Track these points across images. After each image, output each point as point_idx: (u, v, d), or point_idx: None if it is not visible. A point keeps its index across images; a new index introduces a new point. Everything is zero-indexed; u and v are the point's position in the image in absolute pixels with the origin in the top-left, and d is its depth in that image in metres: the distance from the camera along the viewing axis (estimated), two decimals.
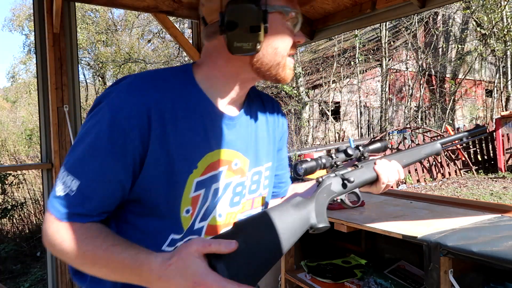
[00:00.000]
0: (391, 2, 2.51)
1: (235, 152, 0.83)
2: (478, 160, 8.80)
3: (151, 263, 0.66)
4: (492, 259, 1.05)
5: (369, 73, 13.26)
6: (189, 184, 0.76)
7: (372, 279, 1.82)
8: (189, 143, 0.75)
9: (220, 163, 0.80)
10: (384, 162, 0.91)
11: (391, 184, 0.90)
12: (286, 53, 0.79)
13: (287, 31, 0.78)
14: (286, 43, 0.78)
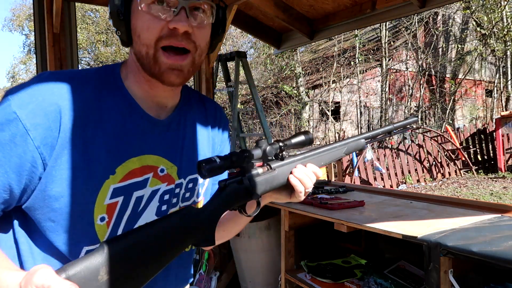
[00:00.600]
0: (391, 2, 2.51)
1: (161, 158, 0.77)
2: (478, 160, 8.80)
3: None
4: (492, 259, 1.05)
5: (369, 73, 13.26)
6: (103, 190, 0.69)
7: (372, 279, 1.82)
8: (107, 147, 0.69)
9: (144, 170, 0.74)
10: (300, 170, 0.78)
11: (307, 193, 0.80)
12: (152, 42, 0.68)
13: (146, 15, 0.67)
14: (149, 30, 0.68)
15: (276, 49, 3.76)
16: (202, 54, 0.74)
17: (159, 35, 0.68)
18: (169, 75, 0.71)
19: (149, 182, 0.75)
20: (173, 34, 0.68)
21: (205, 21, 0.72)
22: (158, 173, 0.76)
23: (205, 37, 0.74)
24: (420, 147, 8.04)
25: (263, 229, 2.52)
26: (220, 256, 3.02)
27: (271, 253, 2.54)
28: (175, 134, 0.80)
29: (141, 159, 0.73)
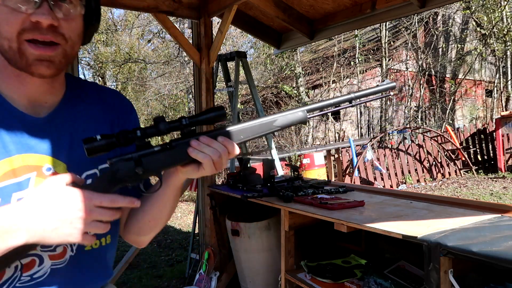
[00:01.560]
0: (391, 2, 2.51)
1: (45, 156, 0.72)
2: (478, 160, 8.79)
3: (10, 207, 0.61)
4: (492, 259, 1.05)
5: (369, 73, 13.26)
6: None
7: (372, 279, 1.82)
8: None
9: (25, 169, 0.70)
10: (203, 141, 0.72)
11: (221, 165, 0.73)
12: (13, 36, 0.64)
13: (6, 8, 0.63)
14: (9, 23, 0.64)
15: (276, 49, 3.76)
16: (74, 46, 0.71)
17: (21, 28, 0.64)
18: (38, 67, 0.67)
19: (33, 182, 0.70)
20: (37, 27, 0.65)
21: (73, 13, 0.68)
22: (43, 172, 0.72)
23: (75, 29, 0.70)
24: (420, 147, 8.03)
25: (263, 229, 2.52)
26: (220, 256, 3.02)
27: (271, 253, 2.54)
28: (60, 131, 0.75)
29: (20, 158, 0.69)
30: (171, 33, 3.05)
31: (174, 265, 4.10)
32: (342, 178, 7.06)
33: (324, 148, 8.38)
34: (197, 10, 3.09)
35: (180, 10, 3.00)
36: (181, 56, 13.48)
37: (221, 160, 0.73)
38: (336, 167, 7.41)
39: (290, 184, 2.55)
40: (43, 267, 0.72)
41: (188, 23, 3.37)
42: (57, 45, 0.67)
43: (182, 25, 11.62)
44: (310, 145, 11.34)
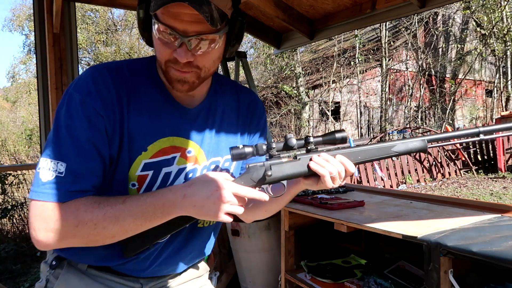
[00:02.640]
0: (391, 2, 2.51)
1: (189, 141, 0.88)
2: (478, 160, 8.80)
3: (172, 189, 0.77)
4: (492, 259, 1.05)
5: (369, 73, 13.26)
6: (136, 164, 0.83)
7: (372, 279, 1.82)
8: (142, 128, 0.82)
9: (173, 149, 0.86)
10: (324, 157, 0.83)
11: (339, 180, 0.83)
12: (162, 61, 0.81)
13: (158, 41, 0.79)
14: (159, 52, 0.80)
15: (276, 49, 3.76)
16: (208, 70, 0.84)
17: (168, 58, 0.79)
18: (176, 85, 0.82)
19: (177, 160, 0.87)
20: (177, 61, 0.79)
21: (209, 49, 0.79)
22: (185, 154, 0.88)
23: (211, 59, 0.82)
24: None
25: (263, 229, 2.52)
26: (220, 256, 3.02)
27: (271, 253, 2.54)
28: (203, 121, 0.91)
29: (170, 140, 0.85)
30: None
31: None
32: None
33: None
34: None
35: None
36: None
37: (339, 176, 0.83)
38: None
39: None
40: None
41: None
42: (191, 72, 0.82)
43: None
44: None
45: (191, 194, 0.76)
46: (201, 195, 0.75)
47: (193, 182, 0.78)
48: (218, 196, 0.75)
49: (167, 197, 0.76)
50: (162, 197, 0.77)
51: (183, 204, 0.76)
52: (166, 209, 0.76)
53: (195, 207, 0.76)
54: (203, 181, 0.77)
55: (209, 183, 0.76)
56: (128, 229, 0.76)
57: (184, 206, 0.76)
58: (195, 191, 0.76)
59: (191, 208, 0.76)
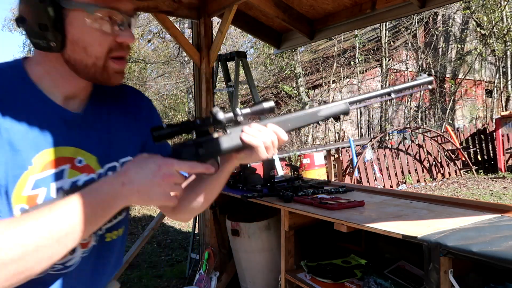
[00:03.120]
0: (391, 2, 2.51)
1: (77, 149, 0.78)
2: (478, 160, 8.79)
3: (106, 181, 0.68)
4: (492, 259, 1.05)
5: (369, 73, 13.26)
6: (22, 181, 0.70)
7: (372, 279, 1.82)
8: (21, 139, 0.70)
9: (60, 161, 0.75)
10: (255, 127, 0.80)
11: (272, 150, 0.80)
12: (102, 55, 0.73)
13: (96, 31, 0.71)
14: (98, 44, 0.72)
15: (276, 49, 3.76)
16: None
17: (109, 47, 0.73)
18: (116, 78, 0.77)
19: (67, 173, 0.76)
20: (121, 47, 0.75)
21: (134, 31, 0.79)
22: (75, 164, 0.78)
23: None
24: (420, 147, 8.03)
25: (263, 229, 2.52)
26: (220, 256, 3.02)
27: (271, 253, 2.54)
28: (92, 125, 0.82)
29: (56, 151, 0.75)
30: (171, 33, 3.05)
31: (174, 265, 4.10)
32: (342, 178, 7.06)
33: (324, 148, 8.38)
34: (197, 10, 3.09)
35: (180, 10, 3.00)
36: (181, 56, 13.48)
37: (272, 145, 0.80)
38: (336, 167, 7.41)
39: (290, 184, 2.55)
40: (75, 256, 0.78)
41: (188, 23, 3.37)
42: (125, 59, 0.78)
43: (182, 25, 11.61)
44: (310, 145, 11.34)
45: (131, 180, 0.67)
46: (142, 179, 0.67)
47: (127, 167, 0.69)
48: (163, 175, 0.68)
49: (104, 191, 0.67)
50: (97, 193, 0.66)
51: (124, 194, 0.67)
52: (106, 205, 0.67)
53: (139, 192, 0.67)
54: (138, 163, 0.69)
55: (147, 164, 0.69)
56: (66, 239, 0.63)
57: (126, 195, 0.67)
58: (134, 175, 0.67)
59: (134, 196, 0.68)
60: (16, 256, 0.58)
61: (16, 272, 0.59)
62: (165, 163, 0.70)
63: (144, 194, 0.68)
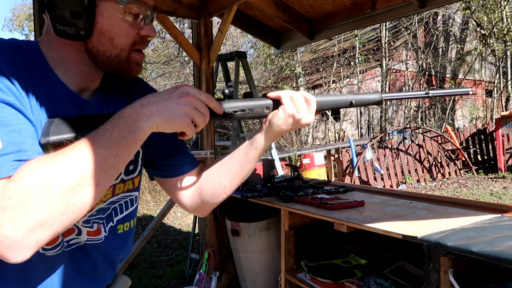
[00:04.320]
0: (391, 2, 2.51)
1: None
2: (478, 160, 8.79)
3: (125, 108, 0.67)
4: (492, 259, 1.05)
5: (369, 73, 13.26)
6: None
7: (372, 279, 1.82)
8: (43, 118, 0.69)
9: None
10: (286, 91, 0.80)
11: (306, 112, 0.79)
12: (126, 47, 0.75)
13: (124, 23, 0.73)
14: (124, 36, 0.74)
15: (276, 49, 3.76)
16: None
17: (134, 41, 0.76)
18: (136, 69, 0.79)
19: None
20: (144, 40, 0.78)
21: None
22: None
23: None
24: (420, 147, 8.04)
25: (263, 229, 2.52)
26: (220, 256, 3.02)
27: (271, 253, 2.54)
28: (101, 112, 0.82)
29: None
30: (171, 33, 3.05)
31: (174, 265, 4.10)
32: (342, 178, 7.06)
33: (324, 148, 8.38)
34: (197, 10, 3.09)
35: (180, 10, 3.00)
36: (181, 56, 13.48)
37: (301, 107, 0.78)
38: (336, 167, 7.41)
39: (290, 184, 2.55)
40: (80, 238, 0.79)
41: (188, 23, 3.37)
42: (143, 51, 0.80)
43: (182, 25, 11.62)
44: (310, 145, 11.35)
45: (149, 101, 0.67)
46: (159, 99, 0.67)
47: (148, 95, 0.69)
48: (180, 94, 0.68)
49: (125, 114, 0.65)
50: (119, 117, 0.65)
51: (144, 113, 0.66)
52: (132, 126, 0.65)
53: (158, 112, 0.66)
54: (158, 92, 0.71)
55: (165, 89, 0.70)
56: (106, 166, 0.61)
57: (146, 114, 0.66)
58: (152, 97, 0.68)
59: (154, 116, 0.66)
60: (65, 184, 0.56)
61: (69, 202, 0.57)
62: (182, 86, 0.70)
63: (163, 113, 0.66)
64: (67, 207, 0.57)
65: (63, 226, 0.58)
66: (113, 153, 0.62)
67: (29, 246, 0.54)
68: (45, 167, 0.56)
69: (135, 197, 0.89)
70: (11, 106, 0.62)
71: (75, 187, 0.57)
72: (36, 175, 0.55)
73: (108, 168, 0.62)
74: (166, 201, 4.02)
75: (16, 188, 0.54)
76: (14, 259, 0.54)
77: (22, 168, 0.56)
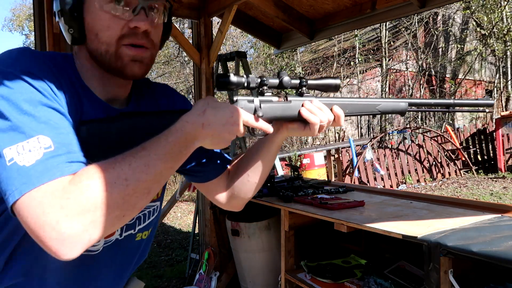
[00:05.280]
0: (391, 2, 2.51)
1: None
2: (478, 160, 8.79)
3: (188, 121, 0.67)
4: (492, 259, 1.05)
5: (369, 73, 13.26)
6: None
7: (372, 279, 1.82)
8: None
9: None
10: (316, 104, 0.79)
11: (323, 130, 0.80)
12: (111, 40, 0.70)
13: (106, 15, 0.69)
14: (110, 29, 0.70)
15: (276, 49, 3.76)
16: (157, 51, 0.79)
17: (120, 33, 0.70)
18: (132, 67, 0.73)
19: None
20: (134, 33, 0.71)
21: (158, 21, 0.75)
22: None
23: (159, 36, 0.78)
24: (420, 147, 8.03)
25: (263, 229, 2.52)
26: (220, 256, 3.02)
27: (271, 253, 2.54)
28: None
29: None
30: (171, 33, 3.05)
31: (174, 265, 4.10)
32: (342, 178, 7.06)
33: (324, 148, 8.38)
34: (197, 10, 3.09)
35: (180, 10, 3.00)
36: (181, 56, 13.48)
37: (327, 125, 0.80)
38: (336, 167, 7.41)
39: (290, 184, 2.55)
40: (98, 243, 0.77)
41: (188, 23, 3.37)
42: (147, 48, 0.74)
43: (182, 25, 11.61)
44: (310, 145, 11.34)
45: (209, 122, 0.67)
46: (218, 123, 0.68)
47: (204, 108, 0.68)
48: (233, 123, 0.69)
49: (187, 131, 0.67)
50: (182, 132, 0.67)
51: (202, 135, 0.68)
52: (188, 143, 0.68)
53: (213, 136, 0.69)
54: (214, 106, 0.69)
55: (222, 108, 0.69)
56: (160, 177, 0.65)
57: (204, 136, 0.68)
58: (212, 118, 0.68)
59: (208, 138, 0.69)
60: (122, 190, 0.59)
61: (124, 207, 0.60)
62: (237, 112, 0.70)
63: (216, 138, 0.69)
64: (120, 211, 0.60)
65: (114, 227, 0.61)
66: (168, 165, 0.65)
67: (82, 244, 0.56)
68: (105, 173, 0.58)
69: (157, 206, 0.90)
70: (57, 111, 0.63)
71: (131, 194, 0.60)
72: (96, 181, 0.57)
73: (161, 178, 0.65)
74: (166, 201, 4.02)
75: (76, 190, 0.56)
76: (66, 255, 0.55)
77: (82, 172, 0.58)
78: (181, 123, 0.67)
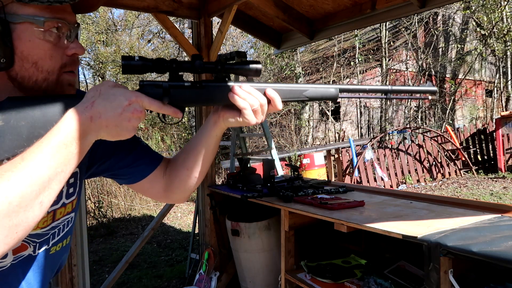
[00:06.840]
0: (391, 2, 2.51)
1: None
2: (478, 160, 8.79)
3: (71, 117, 0.63)
4: (492, 259, 1.05)
5: (369, 73, 13.26)
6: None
7: (372, 279, 1.82)
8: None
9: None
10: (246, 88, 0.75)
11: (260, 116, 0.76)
12: (54, 69, 0.70)
13: (46, 44, 0.68)
14: (49, 58, 0.69)
15: (276, 49, 3.76)
16: None
17: (63, 62, 0.71)
18: (69, 90, 0.74)
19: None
20: (74, 60, 0.73)
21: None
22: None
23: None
24: (420, 147, 8.03)
25: (263, 229, 2.52)
26: (220, 256, 3.02)
27: (271, 253, 2.54)
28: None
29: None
30: (171, 33, 3.05)
31: (174, 265, 4.10)
32: (342, 178, 7.06)
33: (324, 148, 8.38)
34: (197, 10, 3.09)
35: (180, 10, 3.00)
36: (181, 56, 13.48)
37: (262, 110, 0.76)
38: (336, 167, 7.41)
39: (290, 184, 2.55)
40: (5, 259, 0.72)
41: (188, 23, 3.37)
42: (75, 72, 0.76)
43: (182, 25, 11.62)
44: (310, 145, 11.35)
45: (99, 114, 0.64)
46: (111, 113, 0.64)
47: (94, 98, 0.65)
48: (132, 110, 0.66)
49: (71, 129, 0.62)
50: (66, 131, 0.62)
51: (93, 128, 0.64)
52: (78, 141, 0.63)
53: (107, 127, 0.65)
54: (106, 95, 0.65)
55: (116, 96, 0.65)
56: (52, 184, 0.60)
57: (95, 129, 0.64)
58: (102, 109, 0.64)
59: (103, 130, 0.65)
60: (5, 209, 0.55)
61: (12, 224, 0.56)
62: (135, 98, 0.67)
63: (113, 129, 0.66)
64: (9, 230, 0.56)
65: (8, 247, 0.57)
66: (58, 170, 0.61)
67: None
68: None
69: (71, 218, 0.85)
70: None
71: (17, 210, 0.56)
72: None
73: (53, 185, 0.61)
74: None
75: None
76: None
77: None
78: (65, 122, 0.63)
